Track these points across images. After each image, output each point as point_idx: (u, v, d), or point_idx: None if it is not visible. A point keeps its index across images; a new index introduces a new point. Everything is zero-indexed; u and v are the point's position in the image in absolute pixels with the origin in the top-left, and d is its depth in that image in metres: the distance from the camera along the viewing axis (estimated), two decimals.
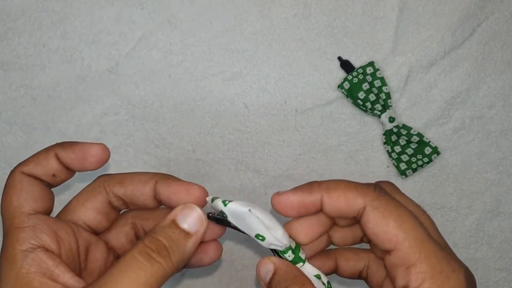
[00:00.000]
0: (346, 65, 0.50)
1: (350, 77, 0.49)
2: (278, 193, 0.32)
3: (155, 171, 0.49)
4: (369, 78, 0.49)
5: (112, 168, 0.49)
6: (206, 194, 0.33)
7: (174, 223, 0.30)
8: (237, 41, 0.50)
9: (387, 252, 0.30)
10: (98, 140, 0.49)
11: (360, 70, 0.49)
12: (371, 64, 0.49)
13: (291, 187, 0.49)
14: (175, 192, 0.32)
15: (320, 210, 0.31)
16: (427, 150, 0.49)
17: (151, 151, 0.50)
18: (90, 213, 0.32)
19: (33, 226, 0.29)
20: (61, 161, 0.32)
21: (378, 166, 0.50)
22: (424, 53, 0.50)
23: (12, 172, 0.31)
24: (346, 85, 0.49)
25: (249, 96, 0.50)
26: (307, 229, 0.32)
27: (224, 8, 0.50)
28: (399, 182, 0.50)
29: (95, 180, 0.34)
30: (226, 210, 0.32)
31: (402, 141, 0.50)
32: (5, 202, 0.30)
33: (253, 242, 0.49)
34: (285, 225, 0.32)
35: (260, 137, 0.50)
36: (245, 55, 0.50)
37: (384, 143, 0.50)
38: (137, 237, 0.35)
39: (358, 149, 0.50)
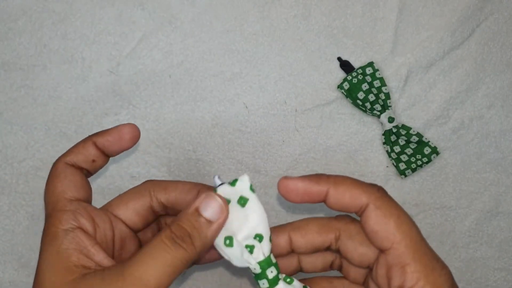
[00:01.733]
0: (345, 66, 0.50)
1: (349, 78, 0.49)
2: (286, 177, 0.32)
3: (157, 172, 0.49)
4: (368, 78, 0.49)
5: (112, 168, 0.50)
6: None
7: (197, 211, 0.31)
8: (237, 42, 0.51)
9: (383, 251, 0.31)
10: None
11: (360, 71, 0.49)
12: (370, 64, 0.49)
13: None
14: None
15: (322, 201, 0.33)
16: (426, 150, 0.49)
17: (151, 151, 0.50)
18: (129, 212, 0.35)
19: (74, 210, 0.32)
20: (99, 147, 0.35)
21: (378, 166, 0.50)
22: (423, 54, 0.50)
23: (55, 163, 0.34)
24: (346, 85, 0.49)
25: (249, 96, 0.50)
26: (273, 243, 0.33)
27: (224, 9, 0.51)
28: (398, 182, 0.50)
29: (141, 184, 0.36)
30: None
31: (402, 141, 0.50)
32: (49, 189, 0.33)
33: None
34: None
35: (260, 137, 0.50)
36: (245, 56, 0.51)
37: (384, 143, 0.50)
38: None
39: (357, 149, 0.50)
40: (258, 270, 0.32)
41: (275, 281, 0.32)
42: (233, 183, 0.32)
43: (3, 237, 0.49)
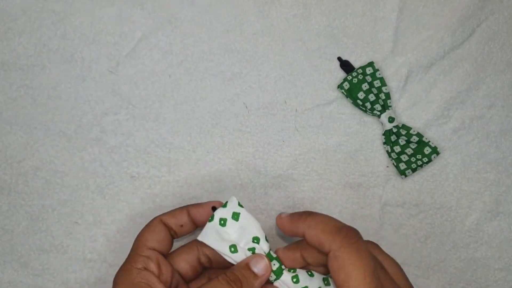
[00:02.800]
0: (345, 65, 0.50)
1: (349, 77, 0.49)
2: (280, 216, 0.41)
3: (157, 172, 0.49)
4: (368, 78, 0.49)
5: (112, 168, 0.50)
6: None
7: (247, 266, 0.39)
8: (237, 42, 0.50)
9: None
10: (98, 139, 0.49)
11: (360, 70, 0.49)
12: (370, 64, 0.49)
13: (291, 187, 0.50)
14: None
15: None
16: (427, 150, 0.49)
17: (151, 151, 0.50)
18: (183, 264, 0.43)
19: (148, 256, 0.41)
20: (191, 216, 0.42)
21: (378, 166, 0.50)
22: (423, 54, 0.50)
23: (154, 218, 0.43)
24: (346, 85, 0.49)
25: (249, 96, 0.50)
26: (288, 258, 0.41)
27: (224, 9, 0.50)
28: (398, 182, 0.50)
29: (192, 241, 0.44)
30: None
31: (402, 141, 0.50)
32: (140, 236, 0.42)
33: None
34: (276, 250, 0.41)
35: (260, 137, 0.50)
36: (245, 55, 0.50)
37: (384, 143, 0.50)
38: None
39: (357, 149, 0.50)
40: None
41: (279, 271, 0.39)
42: (224, 205, 0.40)
43: (2, 237, 0.49)
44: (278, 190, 0.50)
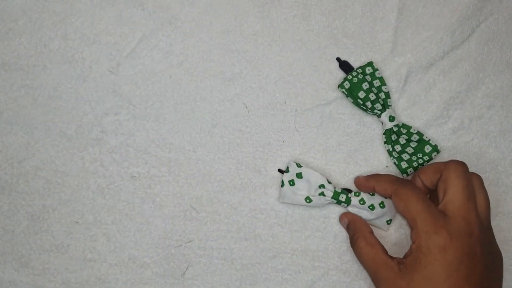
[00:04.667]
0: (345, 66, 0.50)
1: (350, 77, 0.49)
2: (357, 177, 0.49)
3: (157, 172, 0.49)
4: (368, 78, 0.49)
5: (112, 168, 0.50)
6: None
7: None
8: (237, 42, 0.51)
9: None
10: (98, 140, 0.50)
11: (360, 70, 0.49)
12: (370, 64, 0.50)
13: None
14: None
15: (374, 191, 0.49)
16: (427, 149, 0.49)
17: (151, 151, 0.50)
18: None
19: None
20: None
21: (378, 166, 0.50)
22: (423, 54, 0.50)
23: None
24: (347, 84, 0.49)
25: (249, 96, 0.50)
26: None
27: (224, 9, 0.51)
28: None
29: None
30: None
31: (402, 140, 0.50)
32: None
33: (252, 241, 0.50)
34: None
35: (260, 137, 0.50)
36: (245, 56, 0.51)
37: (385, 142, 0.50)
38: None
39: (357, 149, 0.50)
40: (334, 201, 0.48)
41: (348, 200, 0.48)
42: (287, 170, 0.49)
43: (3, 237, 0.49)
44: (278, 190, 0.50)
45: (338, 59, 0.50)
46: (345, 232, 0.50)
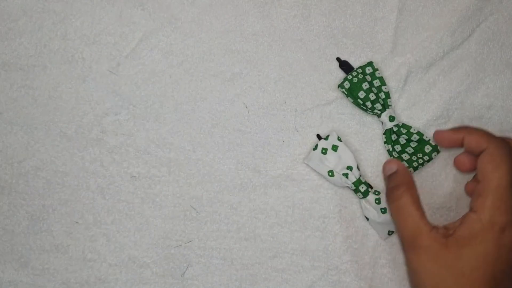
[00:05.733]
0: (345, 66, 0.50)
1: (350, 77, 0.49)
2: (437, 130, 0.44)
3: (157, 172, 0.49)
4: (368, 77, 0.49)
5: (112, 168, 0.50)
6: None
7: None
8: (237, 42, 0.51)
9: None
10: (98, 140, 0.50)
11: (360, 70, 0.49)
12: (370, 64, 0.50)
13: (291, 187, 0.50)
14: None
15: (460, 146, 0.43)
16: (427, 149, 0.49)
17: (151, 151, 0.50)
18: None
19: None
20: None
21: (378, 166, 0.50)
22: (423, 54, 0.50)
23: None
24: (347, 84, 0.49)
25: (249, 96, 0.50)
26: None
27: (224, 9, 0.51)
28: None
29: None
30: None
31: (402, 140, 0.50)
32: None
33: (251, 241, 0.50)
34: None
35: (260, 137, 0.50)
36: (245, 56, 0.51)
37: (385, 142, 0.50)
38: None
39: (357, 149, 0.50)
40: (353, 187, 0.48)
41: (366, 193, 0.48)
42: (326, 138, 0.49)
43: (3, 237, 0.49)
44: (278, 190, 0.50)
45: (338, 59, 0.50)
46: (345, 232, 0.50)
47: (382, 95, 0.49)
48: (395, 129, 0.49)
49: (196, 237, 0.50)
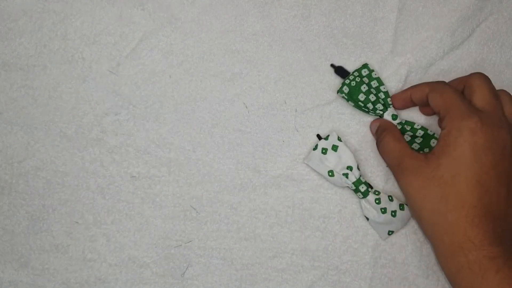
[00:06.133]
0: (340, 71, 0.50)
1: (347, 81, 0.49)
2: (393, 95, 0.50)
3: (157, 172, 0.49)
4: (366, 79, 0.49)
5: (112, 168, 0.50)
6: None
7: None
8: (237, 42, 0.51)
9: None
10: (98, 140, 0.50)
11: (356, 73, 0.49)
12: (365, 66, 0.49)
13: (291, 187, 0.50)
14: None
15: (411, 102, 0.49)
16: (433, 143, 0.49)
17: (151, 151, 0.50)
18: None
19: None
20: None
21: (378, 166, 0.50)
22: (423, 54, 0.50)
23: None
24: (345, 89, 0.49)
25: (249, 96, 0.50)
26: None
27: (224, 9, 0.51)
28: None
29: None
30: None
31: (407, 137, 0.49)
32: None
33: (251, 241, 0.50)
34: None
35: (260, 137, 0.50)
36: (245, 56, 0.51)
37: None
38: None
39: (357, 149, 0.50)
40: (353, 187, 0.48)
41: (366, 193, 0.48)
42: (326, 138, 0.49)
43: (3, 237, 0.49)
44: (278, 190, 0.50)
45: (332, 65, 0.50)
46: (345, 232, 0.50)
47: (382, 95, 0.49)
48: (399, 127, 0.49)
49: (196, 237, 0.50)
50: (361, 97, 0.49)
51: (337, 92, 0.50)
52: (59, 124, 0.50)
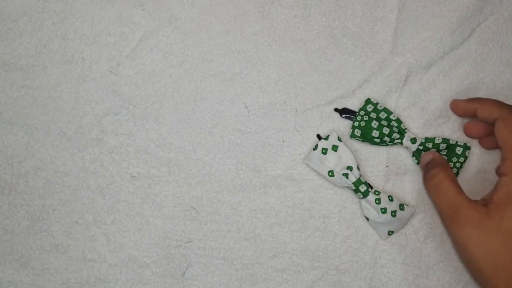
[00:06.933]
0: (346, 112, 0.50)
1: (356, 123, 0.49)
2: (454, 100, 0.49)
3: (157, 172, 0.49)
4: (373, 115, 0.49)
5: (112, 168, 0.50)
6: None
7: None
8: (237, 42, 0.51)
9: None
10: (98, 140, 0.50)
11: (362, 112, 0.49)
12: (368, 101, 0.49)
13: (291, 187, 0.50)
14: None
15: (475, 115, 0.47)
16: (458, 150, 0.49)
17: (151, 151, 0.50)
18: None
19: None
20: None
21: (378, 166, 0.50)
22: (423, 54, 0.50)
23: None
24: (357, 132, 0.49)
25: (249, 96, 0.50)
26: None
27: (224, 9, 0.51)
28: (398, 182, 0.50)
29: None
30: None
31: None
32: None
33: (251, 241, 0.50)
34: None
35: (260, 137, 0.50)
36: (245, 56, 0.51)
37: (417, 163, 0.49)
38: None
39: (357, 149, 0.50)
40: (353, 187, 0.48)
41: (366, 193, 0.48)
42: (326, 138, 0.49)
43: (3, 237, 0.49)
44: (278, 190, 0.50)
45: (336, 109, 0.50)
46: (345, 232, 0.50)
47: (394, 124, 0.49)
48: (421, 147, 0.49)
49: (196, 237, 0.50)
50: (375, 133, 0.48)
51: (350, 137, 0.49)
52: (59, 124, 0.50)
